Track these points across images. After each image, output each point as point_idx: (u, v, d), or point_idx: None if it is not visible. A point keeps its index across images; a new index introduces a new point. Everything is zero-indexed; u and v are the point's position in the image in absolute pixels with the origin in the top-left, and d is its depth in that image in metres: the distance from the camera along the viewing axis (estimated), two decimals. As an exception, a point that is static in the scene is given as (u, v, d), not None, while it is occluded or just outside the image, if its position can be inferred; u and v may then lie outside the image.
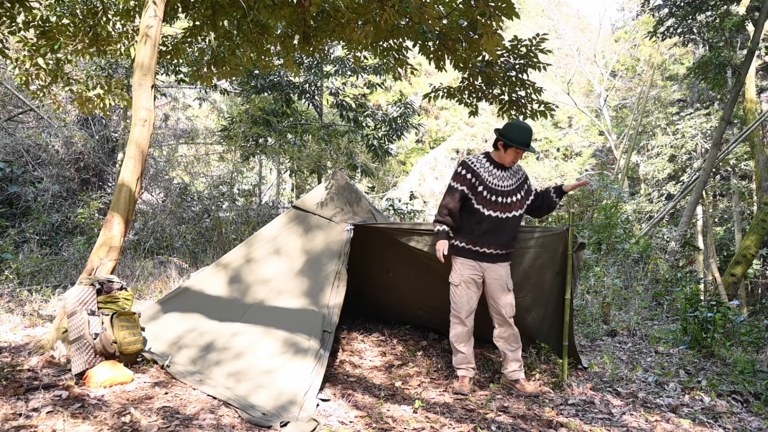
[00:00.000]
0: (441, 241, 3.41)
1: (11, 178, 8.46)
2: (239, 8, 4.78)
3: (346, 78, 10.51)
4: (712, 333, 4.82)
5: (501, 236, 3.41)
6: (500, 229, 3.40)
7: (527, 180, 3.56)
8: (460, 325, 3.51)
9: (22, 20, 4.91)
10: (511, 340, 3.51)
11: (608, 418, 3.13)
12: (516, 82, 4.85)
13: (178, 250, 8.17)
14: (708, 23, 10.84)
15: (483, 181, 3.40)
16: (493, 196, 3.39)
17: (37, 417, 2.52)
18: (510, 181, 3.45)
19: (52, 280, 6.05)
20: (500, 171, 3.46)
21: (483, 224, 3.39)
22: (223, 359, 3.29)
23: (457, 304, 3.50)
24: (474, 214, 3.41)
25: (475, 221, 3.41)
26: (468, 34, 4.33)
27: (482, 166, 3.44)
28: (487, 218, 3.38)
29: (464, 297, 3.46)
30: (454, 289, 3.50)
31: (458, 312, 3.49)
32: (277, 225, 4.09)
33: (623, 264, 8.30)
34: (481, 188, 3.39)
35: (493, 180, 3.42)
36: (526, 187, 3.52)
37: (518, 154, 3.43)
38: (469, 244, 3.43)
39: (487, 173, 3.42)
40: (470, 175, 3.41)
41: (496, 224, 3.39)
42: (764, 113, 10.99)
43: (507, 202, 3.40)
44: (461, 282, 3.46)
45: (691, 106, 16.63)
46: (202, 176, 12.09)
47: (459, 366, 3.56)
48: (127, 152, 3.70)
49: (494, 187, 3.41)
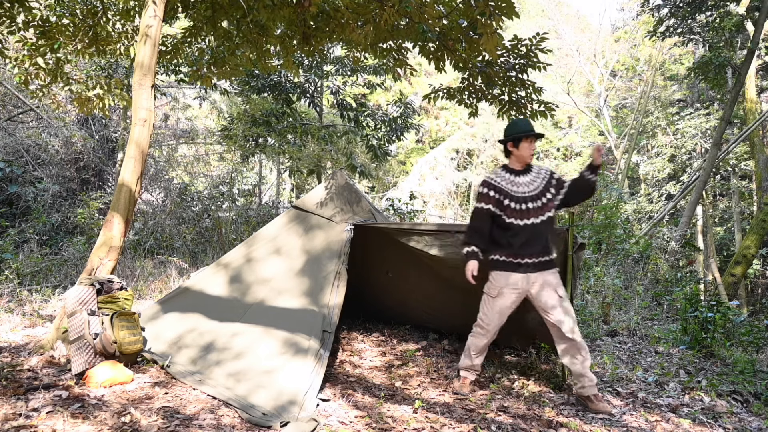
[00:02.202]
0: (471, 262, 3.32)
1: (11, 178, 8.46)
2: (239, 8, 4.78)
3: (346, 77, 10.51)
4: (712, 333, 4.82)
5: (540, 242, 3.28)
6: (537, 236, 3.28)
7: (552, 176, 3.40)
8: (483, 337, 3.43)
9: (22, 20, 4.91)
10: (574, 353, 3.27)
11: (608, 418, 3.13)
12: (516, 83, 4.84)
13: (178, 250, 8.17)
14: (708, 23, 10.84)
15: (507, 193, 3.31)
16: (522, 205, 3.28)
17: (37, 417, 2.52)
18: (534, 185, 3.34)
19: (52, 280, 6.05)
20: (522, 177, 3.36)
21: (520, 235, 3.27)
22: (223, 359, 3.29)
23: (487, 315, 3.38)
24: (508, 228, 3.29)
25: (511, 234, 3.29)
26: (468, 33, 4.33)
27: (503, 178, 3.36)
28: (523, 228, 3.26)
29: (496, 310, 3.34)
30: (488, 299, 3.38)
31: (486, 324, 3.39)
32: (277, 225, 4.09)
33: (623, 264, 8.30)
34: (507, 201, 3.30)
35: (517, 189, 3.32)
36: (554, 183, 3.37)
37: (531, 144, 3.33)
38: (510, 257, 3.30)
39: (509, 184, 3.33)
40: (493, 192, 3.33)
41: (533, 231, 3.27)
42: (764, 113, 10.99)
43: (537, 206, 3.28)
44: (497, 295, 3.33)
45: (691, 106, 16.63)
46: (202, 176, 12.10)
47: (464, 369, 3.54)
48: (127, 152, 3.70)
49: (520, 195, 3.30)
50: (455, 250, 3.77)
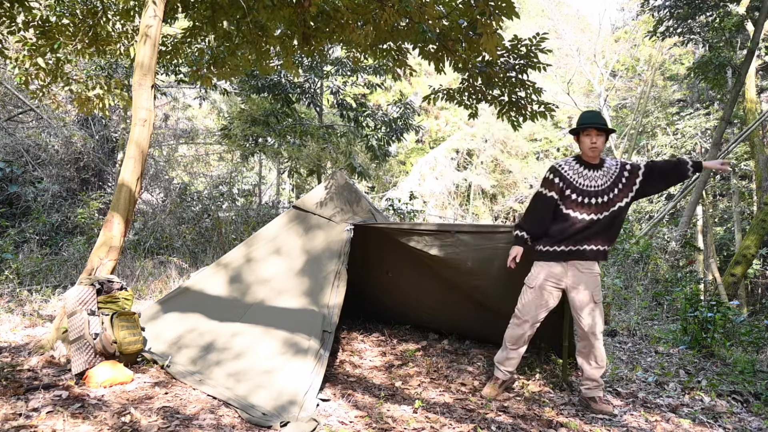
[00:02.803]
0: (515, 247, 3.28)
1: (11, 178, 8.46)
2: (239, 8, 4.78)
3: (346, 77, 10.51)
4: (712, 333, 4.82)
5: (594, 235, 3.21)
6: (594, 230, 3.21)
7: (624, 167, 3.27)
8: (518, 327, 3.35)
9: (22, 20, 4.91)
10: (590, 357, 3.28)
11: (608, 418, 3.13)
12: (516, 83, 4.82)
13: (178, 250, 8.17)
14: (708, 23, 10.84)
15: (572, 184, 3.23)
16: (585, 198, 3.20)
17: (37, 417, 2.51)
18: (602, 180, 3.22)
19: (52, 280, 6.05)
20: (592, 171, 3.25)
21: (575, 227, 3.20)
22: (223, 359, 3.29)
23: (524, 306, 3.32)
24: (564, 218, 3.23)
25: (566, 225, 3.22)
26: (468, 34, 4.32)
27: (571, 168, 3.27)
28: (580, 221, 3.20)
29: (534, 302, 3.28)
30: (527, 290, 3.32)
31: (522, 315, 3.33)
32: (277, 225, 4.09)
33: (623, 264, 8.31)
34: (569, 191, 3.22)
35: (584, 181, 3.23)
36: (625, 176, 3.24)
37: (591, 138, 3.19)
38: (554, 245, 3.24)
39: (576, 175, 3.24)
40: (558, 180, 3.25)
41: (589, 226, 3.20)
42: (764, 113, 10.98)
43: (601, 202, 3.19)
44: (536, 286, 3.28)
45: (691, 106, 16.63)
46: (202, 176, 12.10)
47: (500, 363, 3.46)
48: (127, 152, 3.70)
49: (585, 188, 3.21)
50: (455, 250, 3.77)
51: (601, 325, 3.28)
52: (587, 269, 3.25)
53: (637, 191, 3.25)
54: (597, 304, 3.26)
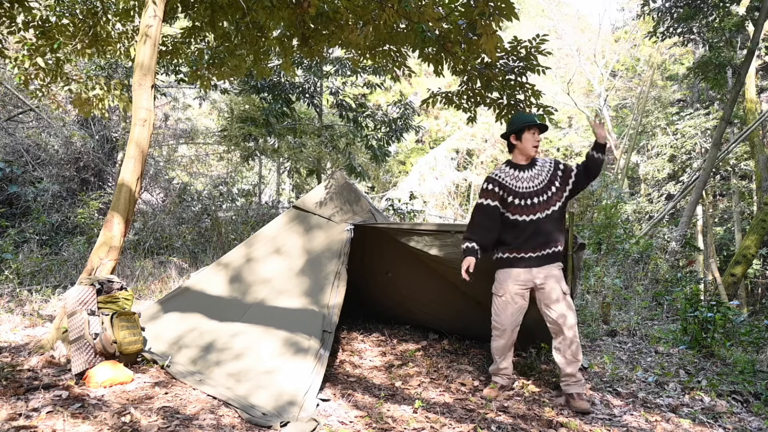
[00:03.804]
0: (467, 258, 3.27)
1: (11, 178, 8.47)
2: (238, 9, 4.78)
3: (345, 78, 10.51)
4: (712, 333, 4.82)
5: (545, 236, 3.25)
6: (543, 230, 3.25)
7: (558, 166, 3.36)
8: (500, 339, 3.38)
9: (22, 20, 4.91)
10: (566, 352, 3.27)
11: (608, 418, 3.13)
12: (515, 86, 4.79)
13: (177, 250, 8.17)
14: (708, 23, 10.84)
15: (510, 189, 3.29)
16: (526, 200, 3.26)
17: (37, 417, 2.51)
18: (538, 179, 3.30)
19: (52, 280, 6.05)
20: (525, 172, 3.33)
21: (525, 231, 3.24)
22: (223, 359, 3.29)
23: (499, 316, 3.35)
24: (512, 225, 3.28)
25: (516, 231, 3.27)
26: (467, 35, 4.31)
27: (506, 174, 3.34)
28: (529, 224, 3.24)
29: (508, 310, 3.32)
30: (497, 300, 3.36)
31: (500, 324, 3.36)
32: (277, 225, 4.09)
33: (623, 264, 8.31)
34: (510, 198, 3.28)
35: (521, 184, 3.29)
36: (560, 174, 3.33)
37: (534, 136, 3.29)
38: (513, 252, 3.28)
39: (512, 179, 3.31)
40: (497, 188, 3.31)
41: (538, 226, 3.24)
42: (764, 113, 10.99)
43: (542, 201, 3.25)
44: (505, 293, 3.31)
45: (691, 106, 16.63)
46: (201, 176, 12.10)
47: (495, 374, 3.51)
48: (127, 152, 3.70)
49: (524, 190, 3.27)
50: (455, 250, 3.77)
51: (572, 317, 3.26)
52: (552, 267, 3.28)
53: (571, 190, 3.34)
54: (565, 296, 3.26)
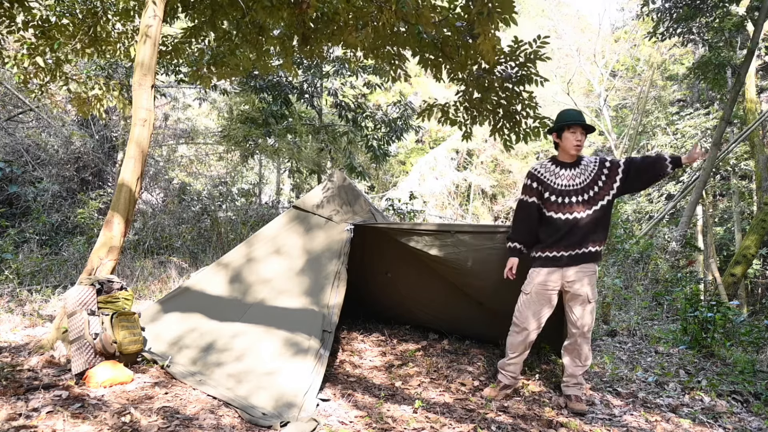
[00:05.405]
0: (511, 258, 3.28)
1: (11, 178, 8.47)
2: (238, 8, 4.78)
3: (345, 78, 10.51)
4: (712, 333, 4.82)
5: (581, 235, 3.17)
6: (580, 229, 3.17)
7: (604, 163, 3.25)
8: (518, 335, 3.33)
9: (22, 20, 4.91)
10: (575, 354, 3.29)
11: (608, 418, 3.13)
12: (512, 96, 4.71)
13: (177, 250, 8.17)
14: (708, 23, 10.84)
15: (548, 185, 3.24)
16: (564, 198, 3.20)
17: (37, 417, 2.51)
18: (581, 178, 3.22)
19: (52, 280, 6.05)
20: (567, 170, 3.25)
21: (561, 229, 3.18)
22: (223, 360, 3.29)
23: (522, 313, 3.30)
24: (547, 222, 3.23)
25: (551, 228, 3.22)
26: (465, 37, 4.29)
27: (547, 170, 3.28)
28: (565, 222, 3.17)
29: (531, 308, 3.26)
30: (523, 297, 3.31)
31: (520, 322, 3.31)
32: (277, 225, 4.09)
33: (623, 264, 8.31)
34: (547, 194, 3.23)
35: (560, 181, 3.23)
36: (605, 172, 3.22)
37: (575, 135, 3.20)
38: (546, 251, 3.23)
39: (552, 175, 3.26)
40: (536, 184, 3.27)
41: (575, 225, 3.17)
42: (764, 113, 10.98)
43: (582, 200, 3.17)
44: (531, 292, 3.26)
45: (691, 106, 16.62)
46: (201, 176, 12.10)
47: (502, 369, 3.46)
48: (127, 152, 3.70)
49: (563, 188, 3.21)
50: (455, 250, 3.77)
51: (591, 324, 3.26)
52: (586, 267, 3.23)
53: (618, 188, 3.21)
54: (591, 302, 3.23)
